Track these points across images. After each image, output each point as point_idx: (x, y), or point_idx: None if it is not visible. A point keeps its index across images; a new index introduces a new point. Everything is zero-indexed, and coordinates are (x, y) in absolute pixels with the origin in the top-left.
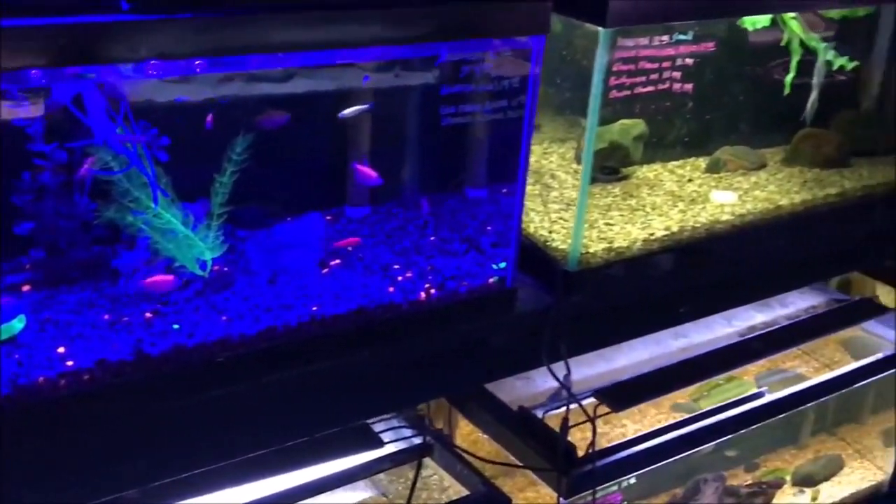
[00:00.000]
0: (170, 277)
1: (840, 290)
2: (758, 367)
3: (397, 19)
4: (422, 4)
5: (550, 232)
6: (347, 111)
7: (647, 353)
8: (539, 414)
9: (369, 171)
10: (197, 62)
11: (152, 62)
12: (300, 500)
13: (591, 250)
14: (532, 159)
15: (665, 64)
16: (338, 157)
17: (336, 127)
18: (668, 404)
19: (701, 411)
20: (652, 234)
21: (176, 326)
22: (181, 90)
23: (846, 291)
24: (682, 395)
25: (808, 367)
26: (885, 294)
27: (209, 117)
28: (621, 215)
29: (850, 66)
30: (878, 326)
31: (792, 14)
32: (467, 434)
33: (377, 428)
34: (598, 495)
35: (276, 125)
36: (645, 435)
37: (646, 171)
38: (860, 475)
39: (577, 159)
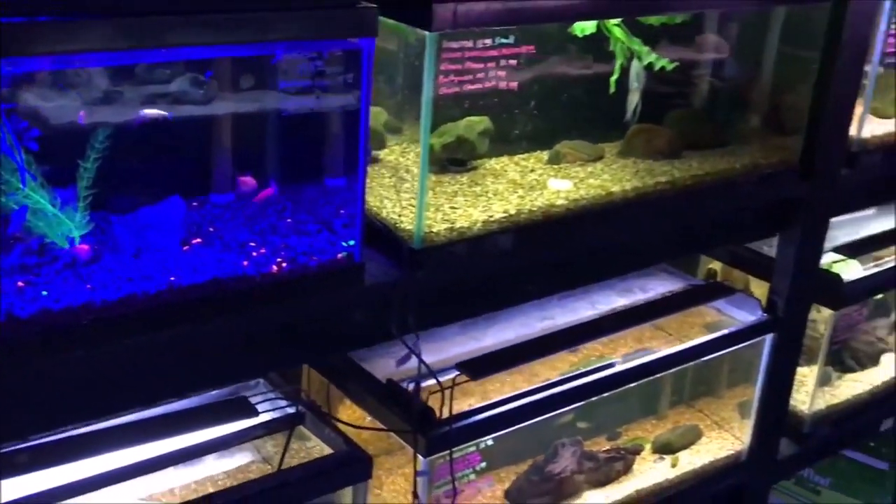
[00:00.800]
0: None
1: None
2: (626, 347)
3: (237, 23)
4: (259, 9)
5: (400, 216)
6: (147, 112)
7: (513, 332)
8: (409, 386)
9: (249, 180)
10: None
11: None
12: (180, 463)
13: (434, 230)
14: (392, 157)
15: (490, 64)
16: (200, 150)
17: (196, 121)
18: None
19: (554, 380)
20: (491, 217)
21: (45, 293)
22: (48, 85)
23: None
24: (556, 373)
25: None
26: (758, 288)
27: (81, 113)
28: (465, 200)
29: (671, 67)
30: (741, 312)
31: (615, 21)
32: (348, 408)
33: (255, 400)
34: (456, 455)
35: (138, 121)
36: (500, 401)
37: (493, 163)
38: (718, 444)
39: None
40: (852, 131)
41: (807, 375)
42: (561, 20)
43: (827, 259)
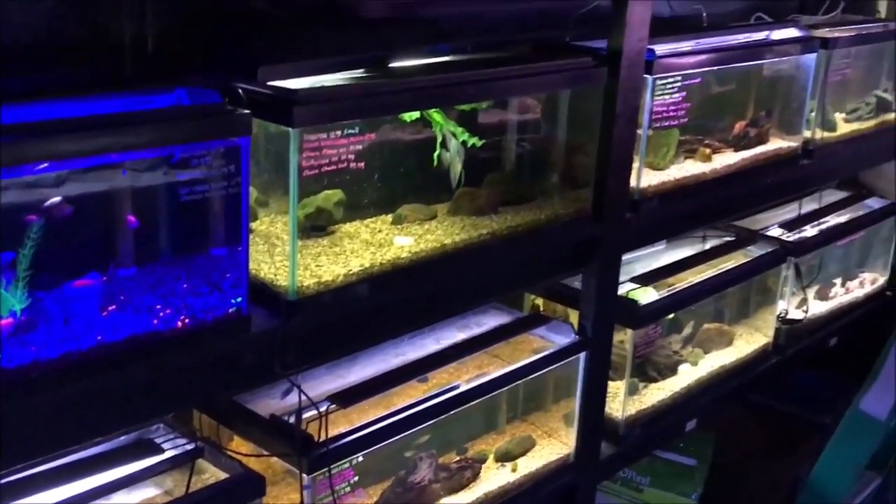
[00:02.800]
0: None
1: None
2: (469, 373)
3: (140, 131)
4: (158, 120)
5: (276, 275)
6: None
7: (373, 368)
8: (290, 418)
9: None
10: None
11: None
12: (96, 500)
13: (305, 284)
14: (262, 227)
15: (343, 149)
16: (113, 232)
17: (109, 209)
18: None
19: (405, 404)
20: (350, 270)
21: None
22: None
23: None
24: (410, 399)
25: None
26: (573, 315)
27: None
28: (328, 259)
29: (479, 143)
30: (558, 337)
31: (434, 109)
32: (236, 445)
33: (158, 440)
34: (334, 471)
35: (63, 214)
36: (365, 424)
37: (348, 227)
38: (549, 450)
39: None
40: (633, 182)
41: (618, 387)
42: (392, 113)
43: (628, 287)
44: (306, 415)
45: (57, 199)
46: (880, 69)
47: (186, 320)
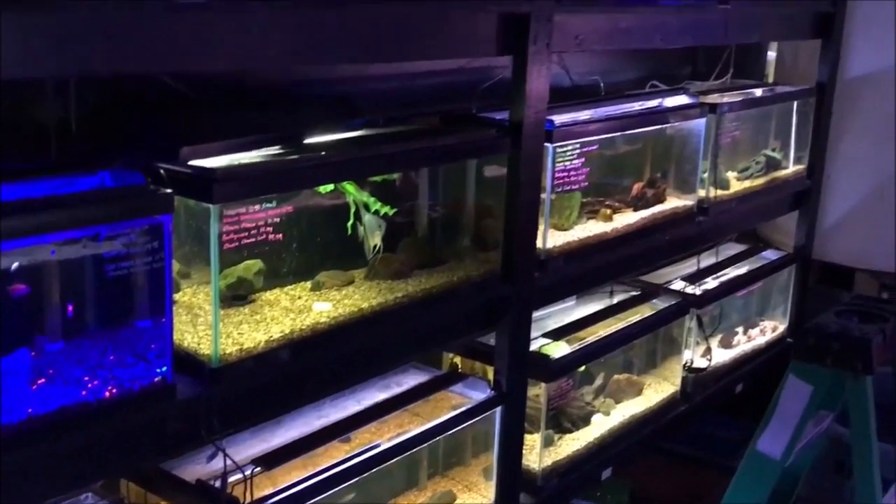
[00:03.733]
0: None
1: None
2: (390, 432)
3: (67, 213)
4: (83, 202)
5: (199, 344)
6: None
7: (297, 431)
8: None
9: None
10: None
11: None
12: None
13: (227, 352)
14: (185, 298)
15: (261, 221)
16: (42, 309)
17: (38, 287)
18: None
19: (328, 464)
20: (271, 337)
21: None
22: None
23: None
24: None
25: None
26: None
27: None
28: (249, 326)
29: (392, 212)
30: (475, 393)
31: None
32: None
33: None
34: None
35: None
36: (290, 485)
37: (269, 295)
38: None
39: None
40: (539, 243)
41: (535, 439)
42: (305, 187)
43: (540, 342)
44: (232, 478)
45: None
46: (769, 129)
47: (114, 390)
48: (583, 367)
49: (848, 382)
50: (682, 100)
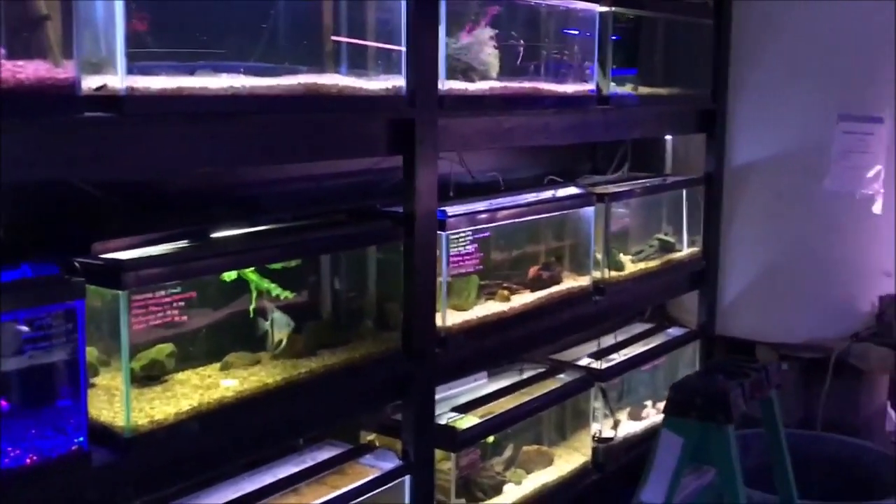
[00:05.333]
0: None
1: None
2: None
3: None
4: (4, 290)
5: (114, 418)
6: None
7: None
8: None
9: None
10: None
11: None
12: None
13: (140, 423)
14: (104, 381)
15: (167, 307)
16: None
17: None
18: None
19: None
20: (180, 410)
21: None
22: None
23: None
24: None
25: None
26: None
27: None
28: (160, 402)
29: (291, 296)
30: (385, 464)
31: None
32: None
33: None
34: None
35: None
36: None
37: (180, 376)
38: None
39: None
40: (439, 322)
41: None
42: (206, 274)
43: (452, 416)
44: None
45: None
46: (661, 215)
47: (35, 457)
48: (492, 439)
49: (712, 433)
50: (571, 191)
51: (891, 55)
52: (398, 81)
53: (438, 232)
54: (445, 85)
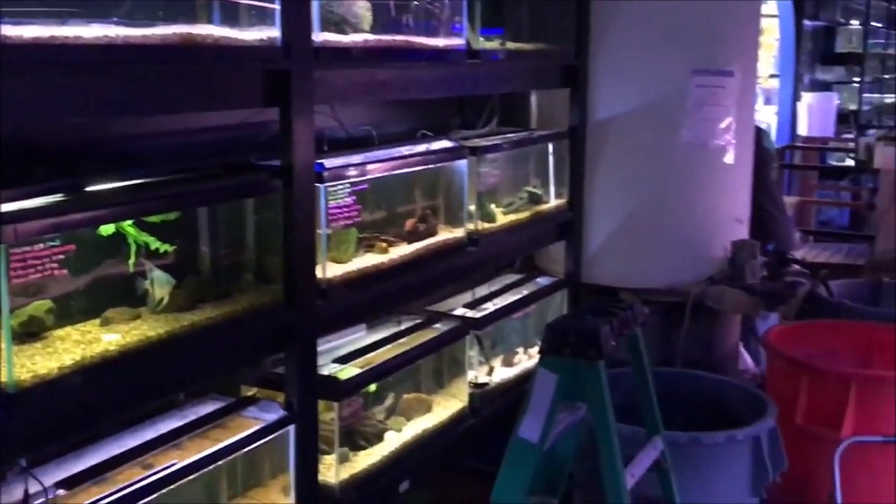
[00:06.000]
0: None
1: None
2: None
3: None
4: None
5: None
6: None
7: (99, 457)
8: None
9: None
10: None
11: None
12: None
13: (22, 378)
14: None
15: (45, 260)
16: None
17: None
18: None
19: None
20: (63, 364)
21: None
22: None
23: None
24: None
25: None
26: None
27: None
28: (42, 357)
29: (171, 249)
30: (269, 415)
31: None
32: None
33: None
34: None
35: None
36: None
37: (60, 332)
38: None
39: None
40: (319, 274)
41: (332, 458)
42: (89, 226)
43: (332, 367)
44: (37, 502)
45: None
46: (529, 168)
47: None
48: (373, 388)
49: (584, 369)
50: (444, 144)
51: (741, 12)
52: (273, 32)
53: (316, 184)
54: (320, 37)
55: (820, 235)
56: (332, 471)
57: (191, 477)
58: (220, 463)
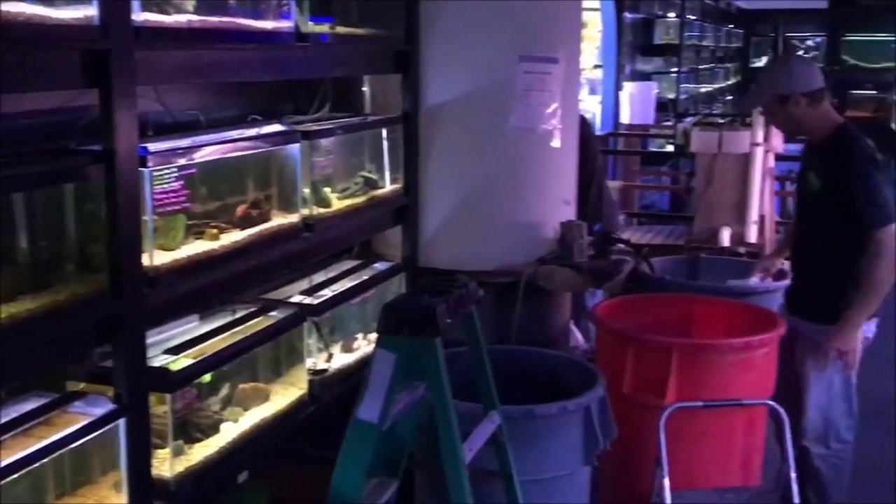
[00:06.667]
0: None
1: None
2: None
3: None
4: None
5: None
6: None
7: None
8: None
9: None
10: None
11: None
12: None
13: None
14: None
15: None
16: None
17: None
18: None
19: None
20: None
21: None
22: None
23: None
24: None
25: None
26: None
27: None
28: None
29: None
30: (99, 409)
31: None
32: None
33: None
34: None
35: None
36: None
37: None
38: None
39: None
40: (146, 262)
41: (167, 451)
42: None
43: (164, 359)
44: None
45: None
46: (363, 153)
47: None
48: (208, 379)
49: (422, 347)
50: (277, 128)
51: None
52: (90, 11)
53: (140, 169)
54: (140, 16)
55: (643, 218)
56: (167, 464)
57: (14, 476)
58: (45, 461)
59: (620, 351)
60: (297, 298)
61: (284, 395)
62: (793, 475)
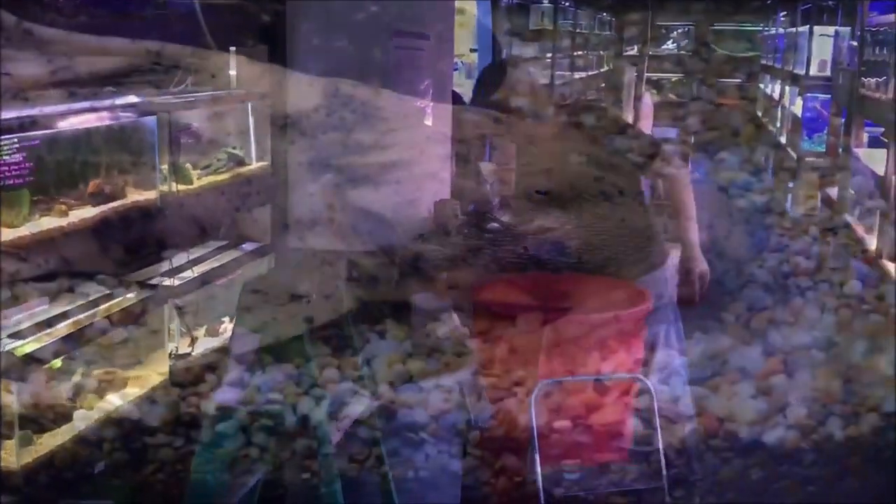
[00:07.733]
0: None
1: None
2: None
3: None
4: None
5: None
6: None
7: None
8: None
9: None
10: None
11: None
12: None
13: None
14: None
15: None
16: None
17: None
18: None
19: None
20: None
21: None
22: None
23: None
24: None
25: None
26: None
27: None
28: None
29: None
30: None
31: None
32: None
33: None
34: None
35: None
36: None
37: None
38: None
39: None
40: None
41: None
42: None
43: (13, 343)
44: None
45: None
46: (229, 129)
47: None
48: (58, 364)
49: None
50: (132, 100)
51: None
52: None
53: None
54: None
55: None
56: (14, 456)
57: None
58: None
59: (495, 328)
60: (157, 280)
61: (145, 380)
62: (660, 447)
